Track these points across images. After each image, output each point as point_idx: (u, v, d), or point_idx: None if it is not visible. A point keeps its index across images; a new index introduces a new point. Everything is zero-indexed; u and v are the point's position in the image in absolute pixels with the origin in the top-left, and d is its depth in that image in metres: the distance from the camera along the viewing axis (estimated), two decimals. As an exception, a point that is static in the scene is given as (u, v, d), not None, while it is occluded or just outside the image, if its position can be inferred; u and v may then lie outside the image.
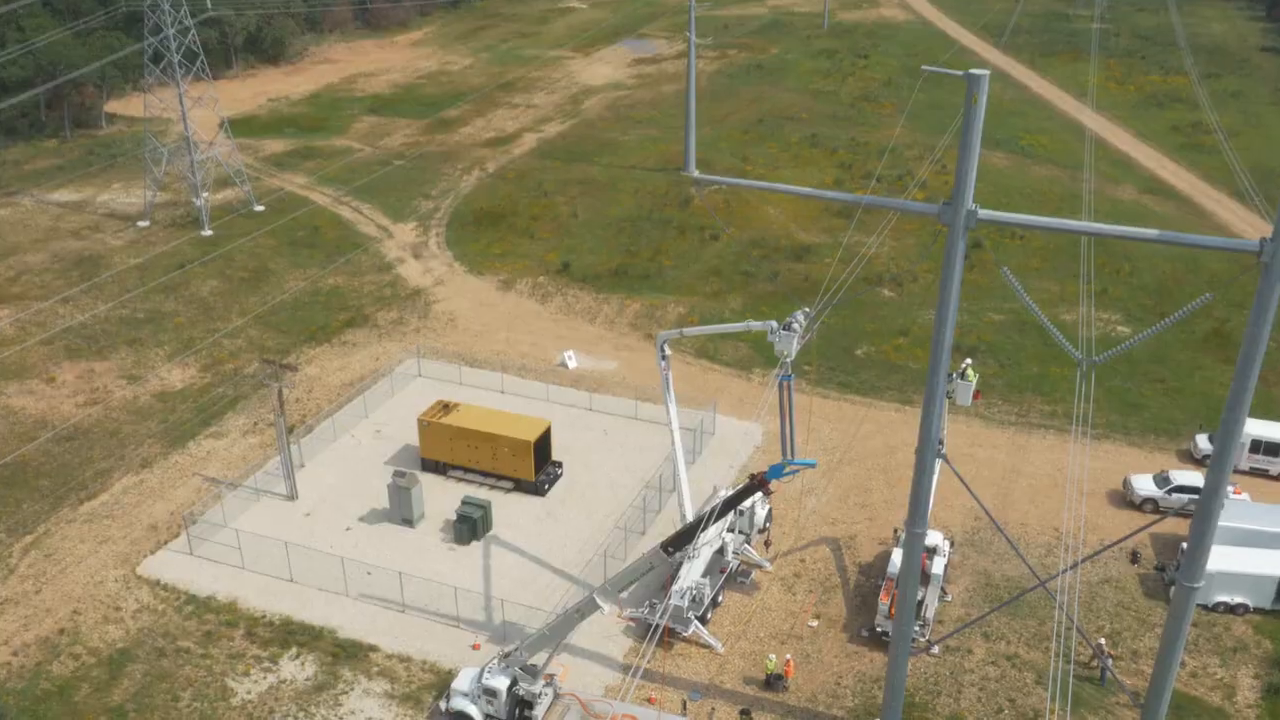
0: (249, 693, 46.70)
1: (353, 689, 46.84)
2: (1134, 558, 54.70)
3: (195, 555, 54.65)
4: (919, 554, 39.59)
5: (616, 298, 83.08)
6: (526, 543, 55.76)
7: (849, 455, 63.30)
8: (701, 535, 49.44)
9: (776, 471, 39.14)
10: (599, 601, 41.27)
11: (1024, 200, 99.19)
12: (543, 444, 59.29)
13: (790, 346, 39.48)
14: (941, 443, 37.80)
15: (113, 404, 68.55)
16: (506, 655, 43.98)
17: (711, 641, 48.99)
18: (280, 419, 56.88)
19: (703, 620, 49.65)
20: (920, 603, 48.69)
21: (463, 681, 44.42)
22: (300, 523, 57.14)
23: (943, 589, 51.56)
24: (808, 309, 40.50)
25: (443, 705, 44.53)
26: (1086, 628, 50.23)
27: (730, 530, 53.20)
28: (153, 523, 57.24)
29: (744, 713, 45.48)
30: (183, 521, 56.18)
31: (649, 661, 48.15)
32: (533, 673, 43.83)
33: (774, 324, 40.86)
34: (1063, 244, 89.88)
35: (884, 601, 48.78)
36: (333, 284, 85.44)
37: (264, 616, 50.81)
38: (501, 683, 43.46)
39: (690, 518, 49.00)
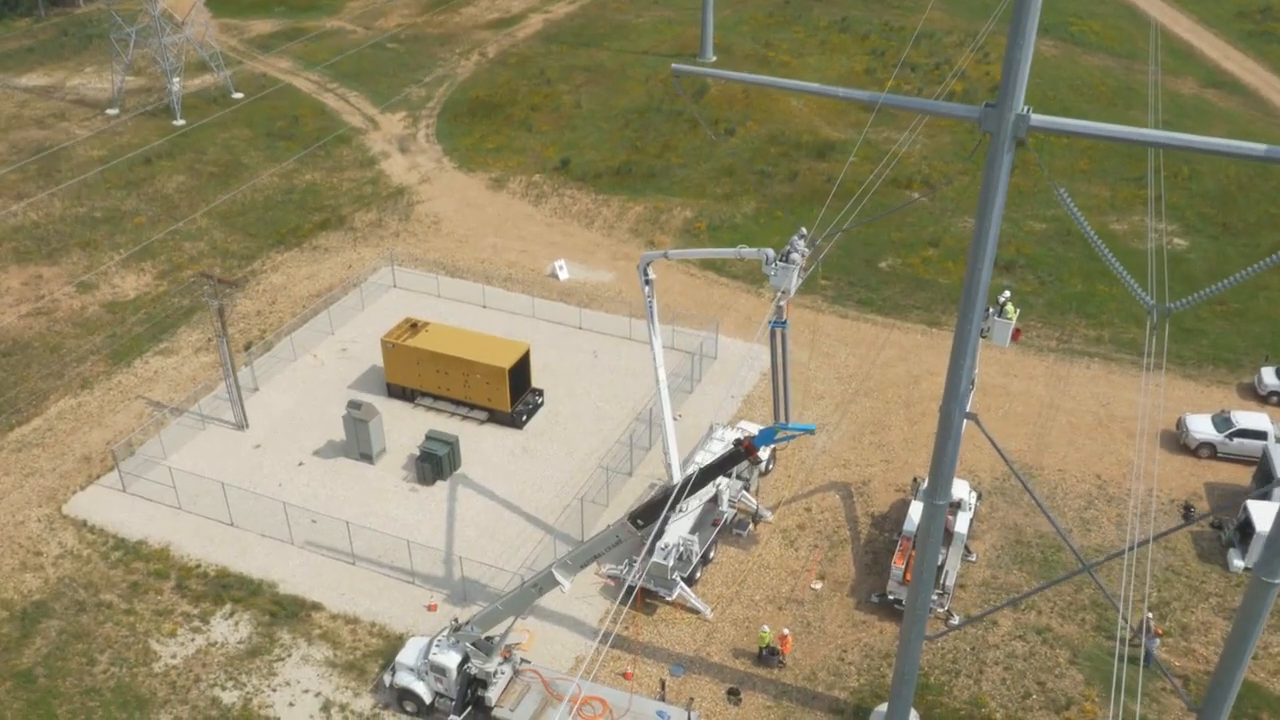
0: (174, 657, 41.39)
1: (290, 654, 41.41)
2: (1186, 513, 47.94)
3: (129, 493, 49.01)
4: (939, 529, 33.07)
5: (618, 200, 75.39)
6: (498, 483, 49.67)
7: (866, 385, 56.36)
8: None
9: (767, 436, 32.39)
10: (558, 578, 35.15)
11: (1074, 95, 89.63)
12: (520, 370, 52.74)
13: (789, 282, 32.30)
14: (972, 382, 30.91)
15: (58, 315, 62.43)
16: (457, 629, 38.21)
17: (699, 606, 43.05)
18: (223, 342, 50.51)
19: (690, 581, 43.64)
20: (940, 567, 42.37)
21: (409, 654, 38.80)
22: (248, 456, 51.26)
23: (966, 548, 45.17)
24: (806, 232, 33.09)
25: (387, 679, 39.02)
26: (1130, 595, 43.81)
27: (727, 475, 46.70)
28: (86, 453, 51.54)
29: (731, 692, 39.75)
30: (113, 456, 50.36)
31: (625, 629, 42.33)
32: (486, 649, 38.10)
33: (770, 253, 33.63)
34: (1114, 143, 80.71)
35: (898, 565, 42.47)
36: (309, 180, 78.19)
37: (198, 566, 45.27)
38: (451, 659, 37.79)
39: (676, 471, 42.55)
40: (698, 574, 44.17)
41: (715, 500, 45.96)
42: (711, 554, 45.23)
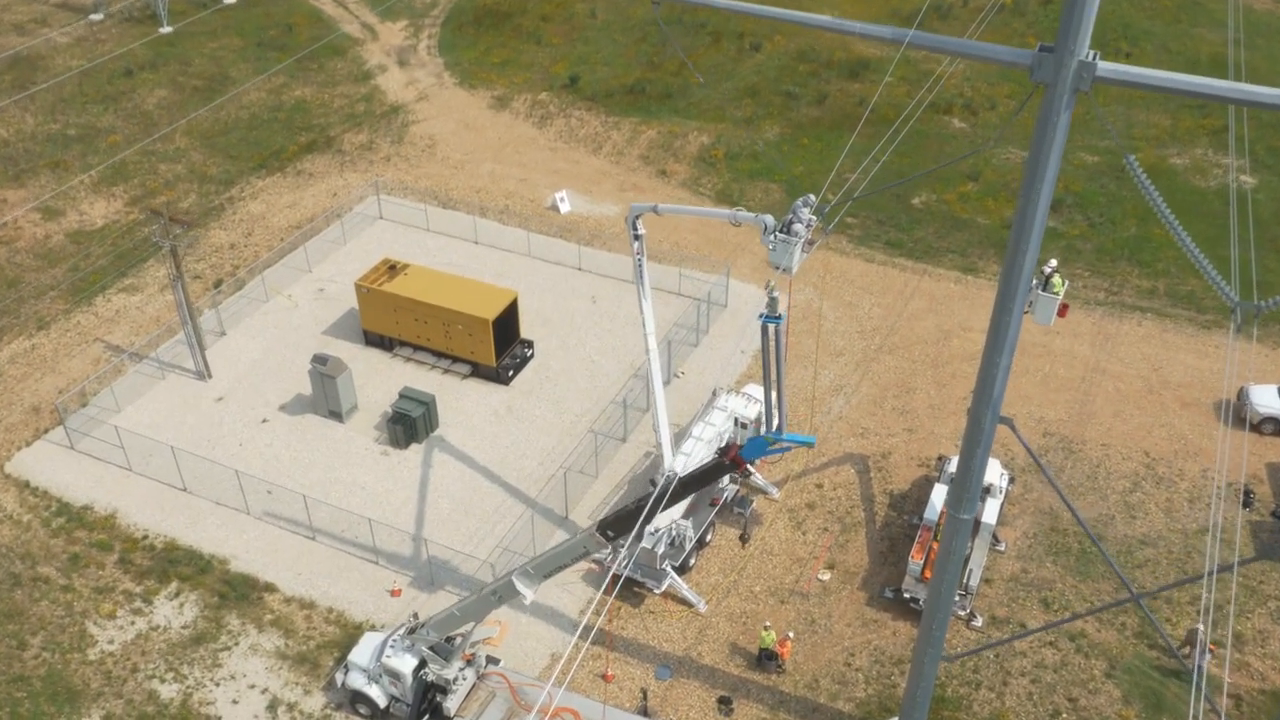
0: (111, 642, 37.67)
1: (238, 643, 37.55)
2: (1246, 499, 42.67)
3: (77, 450, 44.98)
4: (963, 546, 28.19)
5: (629, 123, 69.25)
6: (478, 448, 45.14)
7: (891, 341, 50.94)
8: (685, 463, 38.45)
9: (757, 447, 27.41)
10: (518, 587, 30.64)
11: (1135, 10, 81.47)
12: (507, 321, 47.78)
13: (791, 259, 26.87)
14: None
15: (19, 245, 57.95)
16: (412, 630, 34.07)
17: (691, 598, 38.65)
18: (178, 287, 45.81)
19: (682, 569, 39.19)
20: (964, 562, 37.53)
21: (363, 653, 34.79)
22: (209, 410, 46.96)
23: (994, 537, 40.32)
24: (814, 199, 27.47)
25: (339, 678, 35.09)
26: (1178, 598, 38.91)
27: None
28: (35, 403, 47.47)
29: (723, 701, 35.53)
30: (58, 411, 46.21)
31: (609, 623, 38.09)
32: (446, 653, 33.96)
33: (768, 220, 28.13)
34: (1176, 64, 73.09)
35: (916, 560, 37.71)
36: (298, 96, 72.53)
37: (145, 538, 41.33)
38: (406, 664, 33.71)
39: (667, 453, 37.70)
40: (692, 560, 39.69)
41: (715, 476, 41.16)
42: (709, 536, 40.67)
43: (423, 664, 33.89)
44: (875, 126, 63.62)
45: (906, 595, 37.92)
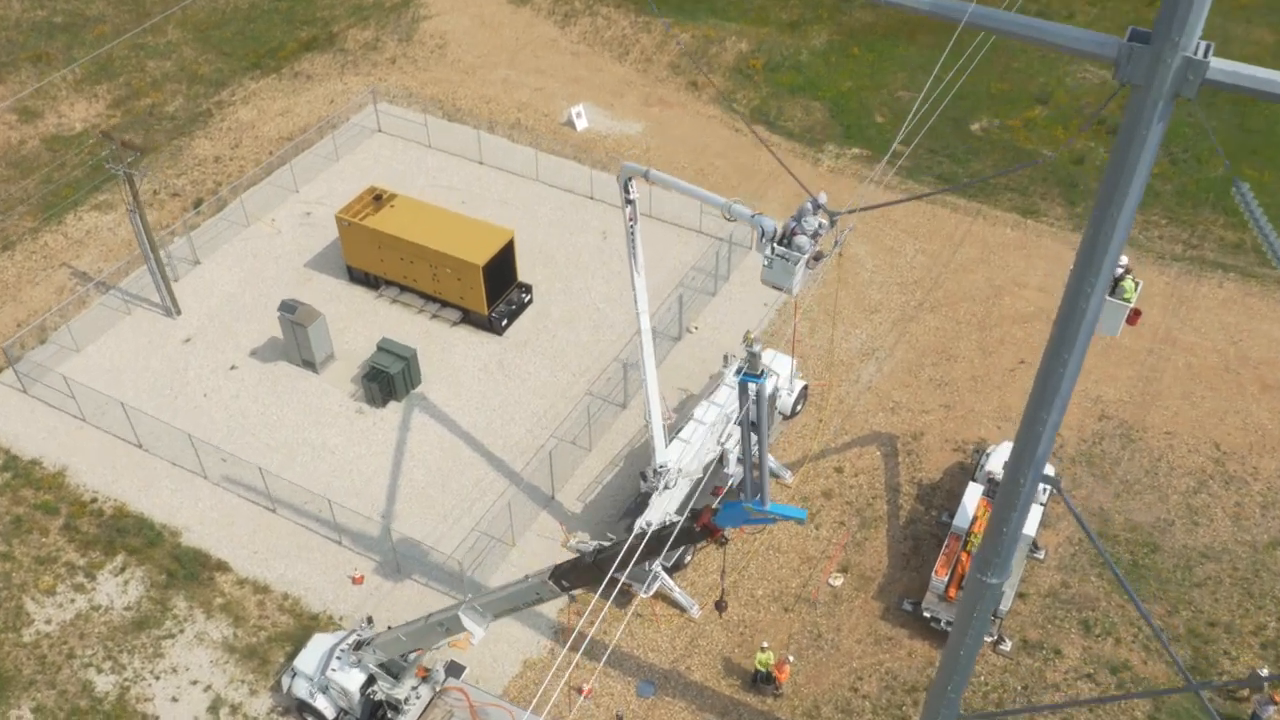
0: (49, 622, 34.57)
1: (183, 630, 34.27)
2: (1329, 507, 37.28)
3: (30, 395, 41.40)
4: (987, 614, 23.50)
5: (661, 24, 62.43)
6: (463, 408, 40.82)
7: (934, 296, 45.29)
8: (682, 452, 33.88)
9: (735, 515, 22.68)
10: (465, 623, 26.54)
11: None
12: (501, 265, 42.83)
13: (791, 280, 21.50)
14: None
15: (-8, 150, 53.66)
16: (358, 646, 30.35)
17: (684, 601, 34.52)
18: (135, 218, 41.30)
19: (677, 567, 34.97)
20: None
21: (309, 660, 31.25)
22: (175, 353, 42.99)
23: (1034, 544, 35.52)
24: (824, 200, 21.96)
25: (285, 682, 31.69)
26: (1240, 626, 34.03)
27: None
28: (-9, 338, 43.87)
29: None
30: (3, 355, 42.45)
31: (589, 625, 34.16)
32: (397, 671, 30.27)
33: (768, 224, 22.67)
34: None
35: (940, 576, 33.10)
36: (303, -16, 66.38)
37: (94, 501, 37.91)
38: (352, 680, 30.13)
39: (660, 444, 32.95)
40: (688, 557, 35.41)
41: (721, 461, 36.59)
42: (709, 528, 36.16)
43: (372, 680, 30.28)
44: (936, 35, 56.49)
45: (927, 614, 33.41)
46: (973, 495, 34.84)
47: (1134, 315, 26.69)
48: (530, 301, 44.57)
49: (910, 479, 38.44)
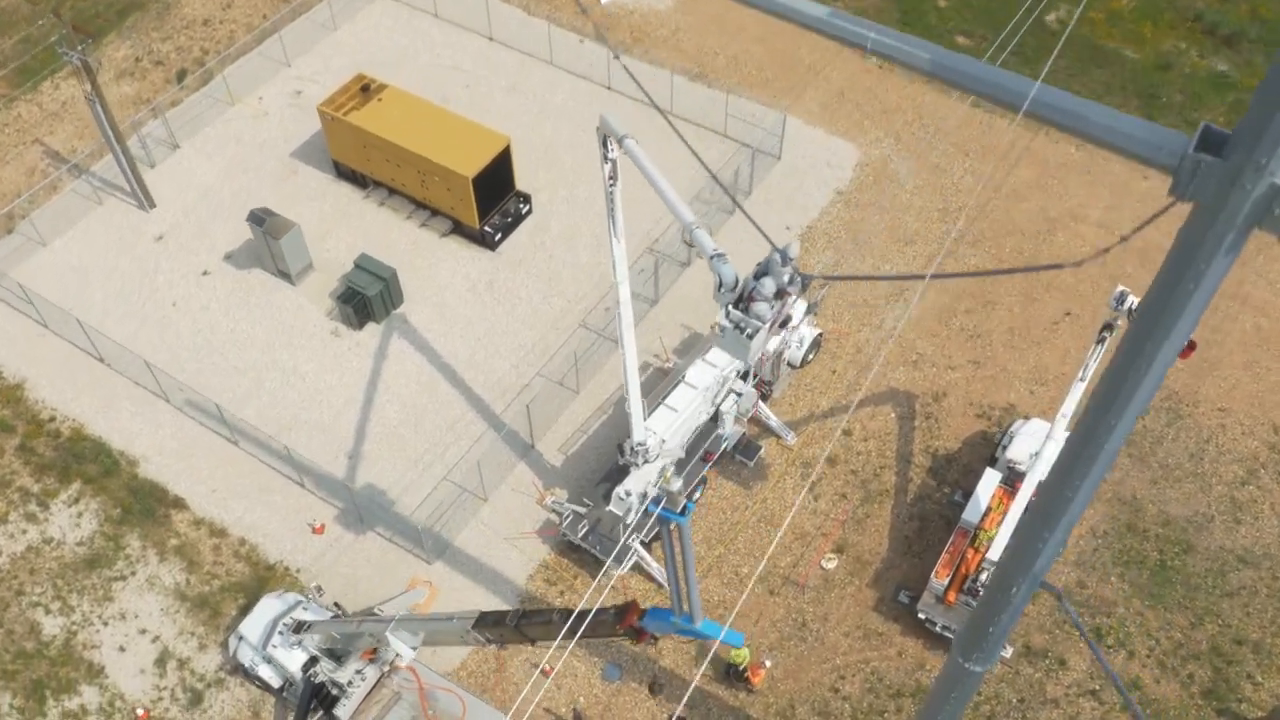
0: (-1, 553, 33.21)
1: (135, 572, 32.70)
2: (1394, 511, 33.31)
3: (-8, 294, 39.06)
4: (965, 698, 20.68)
5: (707, -128, 55.23)
6: (445, 335, 37.74)
7: (979, 227, 40.55)
8: (668, 423, 30.75)
9: (660, 619, 19.55)
10: (393, 645, 24.20)
11: None
12: (495, 175, 38.79)
13: (745, 353, 17.51)
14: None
15: (-31, -1, 49.64)
16: (298, 627, 28.42)
17: (661, 578, 32.05)
18: (95, 106, 37.63)
19: (655, 540, 32.35)
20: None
21: (254, 626, 29.56)
22: (146, 252, 40.12)
23: (1051, 537, 32.11)
24: (794, 254, 17.80)
25: (232, 644, 30.13)
26: (1271, 646, 30.87)
27: (744, 376, 33.60)
28: (-43, 224, 41.21)
29: (653, 690, 29.72)
30: (-41, 252, 39.89)
31: (561, 595, 31.98)
32: (340, 655, 28.40)
33: (726, 274, 18.52)
34: None
35: (939, 579, 30.10)
36: None
37: (52, 420, 35.94)
38: (293, 660, 28.40)
39: (638, 422, 29.55)
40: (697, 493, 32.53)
41: (714, 420, 33.38)
42: (697, 494, 33.40)
43: (315, 659, 28.52)
44: None
45: (922, 616, 30.58)
46: (988, 484, 31.42)
47: (1188, 348, 22.58)
48: (529, 213, 40.66)
49: (925, 448, 34.98)
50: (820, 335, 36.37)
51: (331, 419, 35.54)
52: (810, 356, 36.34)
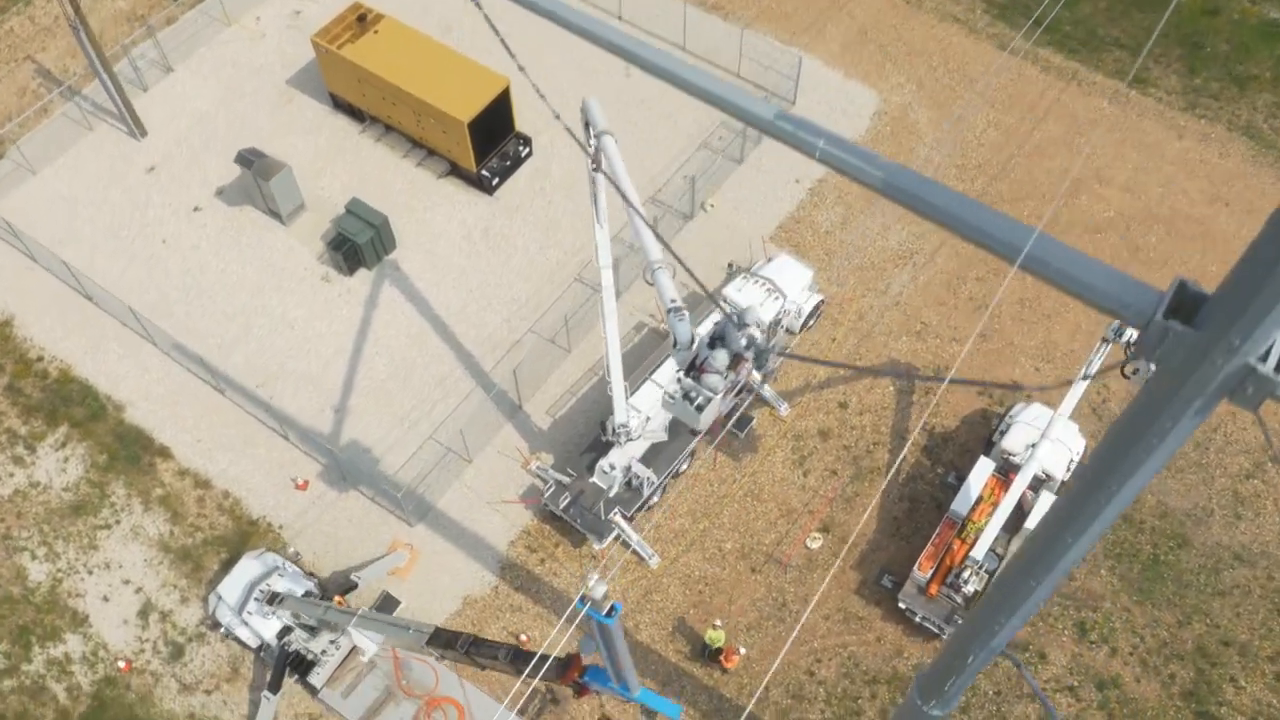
0: (-13, 496, 33.37)
1: (120, 520, 32.82)
2: (1402, 512, 32.30)
3: (-18, 223, 38.44)
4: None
5: None
6: (438, 285, 36.89)
7: (999, 186, 38.80)
8: (654, 401, 30.09)
9: (601, 684, 19.00)
10: (355, 639, 24.09)
11: None
12: (492, 118, 37.31)
13: (696, 421, 16.26)
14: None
15: (-38, -104, 47.62)
16: (270, 598, 28.45)
17: (642, 551, 31.79)
18: (80, 33, 36.24)
19: (640, 510, 31.97)
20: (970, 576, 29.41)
21: (233, 587, 29.70)
22: (136, 184, 39.22)
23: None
24: (749, 321, 16.69)
25: (212, 601, 30.36)
26: (1258, 649, 30.36)
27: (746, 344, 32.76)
28: (-53, 146, 40.35)
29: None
30: (-52, 180, 39.07)
31: (540, 562, 31.85)
32: (311, 628, 28.47)
33: (683, 333, 17.47)
34: None
35: (922, 572, 29.62)
36: None
37: (40, 360, 35.70)
38: (268, 628, 28.54)
39: (620, 406, 28.73)
40: (654, 499, 32.24)
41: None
42: (684, 466, 32.86)
43: (289, 630, 28.65)
44: None
45: (903, 606, 30.19)
46: (980, 473, 30.65)
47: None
48: (529, 155, 39.25)
49: (922, 424, 34.11)
50: (822, 302, 35.25)
51: (319, 369, 35.06)
52: (811, 323, 35.33)
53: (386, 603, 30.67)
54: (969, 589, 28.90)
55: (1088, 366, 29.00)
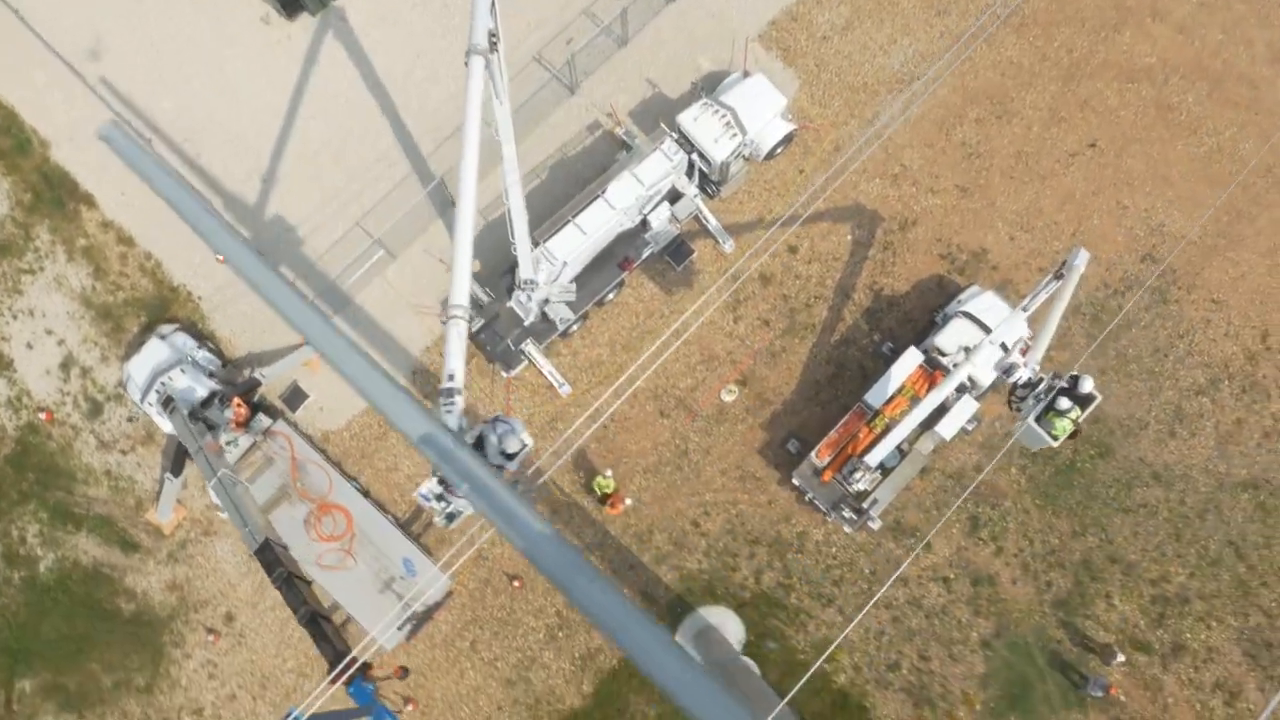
0: (-87, 221, 33.14)
1: (44, 267, 32.74)
2: (1346, 455, 30.91)
3: (-98, -103, 34.84)
4: None
5: None
6: (385, 43, 33.68)
7: (1030, 6, 33.67)
8: (573, 247, 28.77)
9: (360, 694, 18.71)
10: (212, 496, 24.41)
11: None
12: None
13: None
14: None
15: None
16: (166, 401, 28.75)
17: (553, 378, 31.48)
18: None
19: (562, 336, 31.30)
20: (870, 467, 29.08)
21: (141, 368, 30.11)
22: None
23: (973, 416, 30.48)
24: (515, 432, 14.89)
25: (124, 373, 30.97)
26: (1144, 571, 30.42)
27: (689, 174, 30.64)
28: None
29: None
30: None
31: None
32: (211, 427, 28.99)
33: (451, 418, 15.32)
34: None
35: (820, 458, 29.21)
36: None
37: (-37, 75, 33.88)
38: (166, 424, 29.19)
39: (525, 262, 26.85)
40: (573, 328, 31.41)
41: (643, 226, 30.75)
42: (611, 296, 31.65)
43: (214, 398, 29.30)
44: None
45: (796, 482, 30.03)
46: (905, 364, 29.20)
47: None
48: (504, -108, 34.03)
49: (869, 283, 32.15)
50: (794, 131, 32.00)
51: (250, 128, 33.06)
52: (779, 151, 32.35)
53: (295, 395, 31.12)
54: (857, 487, 28.63)
55: (1029, 299, 26.54)
